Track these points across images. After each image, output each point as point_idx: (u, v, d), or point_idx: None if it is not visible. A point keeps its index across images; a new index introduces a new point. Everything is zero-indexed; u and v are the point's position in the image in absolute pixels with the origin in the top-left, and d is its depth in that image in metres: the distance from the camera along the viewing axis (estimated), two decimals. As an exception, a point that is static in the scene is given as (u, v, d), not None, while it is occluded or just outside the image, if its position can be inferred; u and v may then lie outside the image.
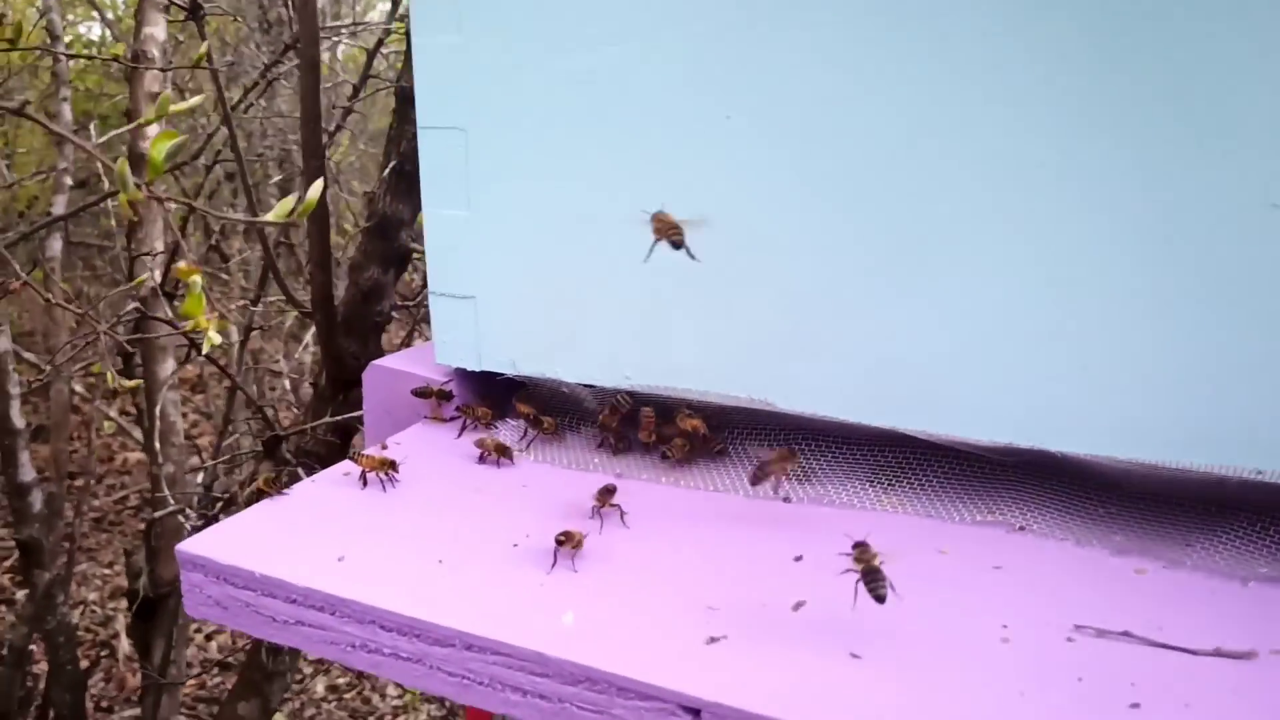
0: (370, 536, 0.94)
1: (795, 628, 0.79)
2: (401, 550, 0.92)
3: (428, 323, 1.77)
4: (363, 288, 2.00)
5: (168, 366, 2.89)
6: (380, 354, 2.08)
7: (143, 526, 5.87)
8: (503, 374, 1.17)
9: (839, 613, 0.79)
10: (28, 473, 2.64)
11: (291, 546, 0.92)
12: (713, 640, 0.77)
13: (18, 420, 2.59)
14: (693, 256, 0.92)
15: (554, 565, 0.88)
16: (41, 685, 3.43)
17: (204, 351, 0.82)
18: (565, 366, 1.12)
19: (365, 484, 1.04)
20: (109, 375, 1.10)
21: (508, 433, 1.17)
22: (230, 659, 4.94)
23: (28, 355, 4.32)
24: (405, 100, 1.88)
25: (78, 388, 4.77)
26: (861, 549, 0.80)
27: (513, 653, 0.78)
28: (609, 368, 1.10)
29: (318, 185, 0.84)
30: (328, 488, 1.04)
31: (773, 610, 0.81)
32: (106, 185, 3.33)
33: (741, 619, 0.80)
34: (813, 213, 0.97)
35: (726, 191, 1.00)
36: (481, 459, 1.09)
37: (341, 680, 4.85)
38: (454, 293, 1.16)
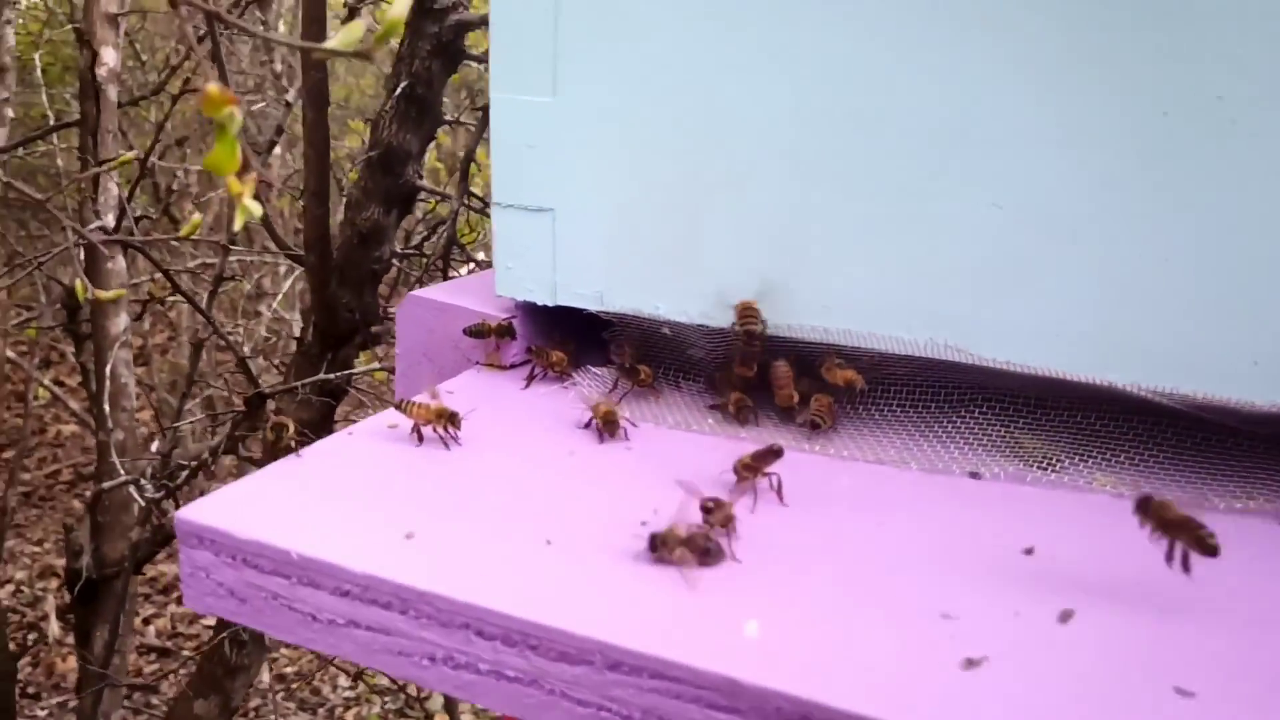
0: (444, 509, 0.69)
1: (1068, 646, 0.56)
2: (491, 528, 0.67)
3: (439, 274, 1.51)
4: (360, 229, 1.73)
5: (120, 322, 2.59)
6: (376, 307, 1.82)
7: (81, 500, 5.51)
8: (584, 310, 0.92)
9: (1121, 627, 0.57)
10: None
11: (338, 518, 0.67)
12: (971, 664, 0.54)
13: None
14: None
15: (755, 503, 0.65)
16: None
17: (236, 227, 0.56)
18: (671, 301, 0.88)
19: (420, 440, 0.79)
20: (79, 287, 0.83)
21: (589, 384, 0.92)
22: (170, 645, 4.63)
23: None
24: (422, 12, 1.62)
25: (10, 354, 4.41)
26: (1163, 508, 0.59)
27: (685, 676, 0.54)
28: (730, 302, 0.86)
29: (404, 2, 0.59)
30: (370, 443, 0.80)
31: (1031, 620, 0.58)
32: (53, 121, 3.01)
33: (999, 633, 0.57)
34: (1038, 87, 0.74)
35: (915, 69, 0.77)
36: (590, 426, 0.83)
37: (290, 670, 4.56)
38: (526, 204, 0.91)
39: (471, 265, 1.80)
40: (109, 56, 2.63)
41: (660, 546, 0.63)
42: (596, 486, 0.73)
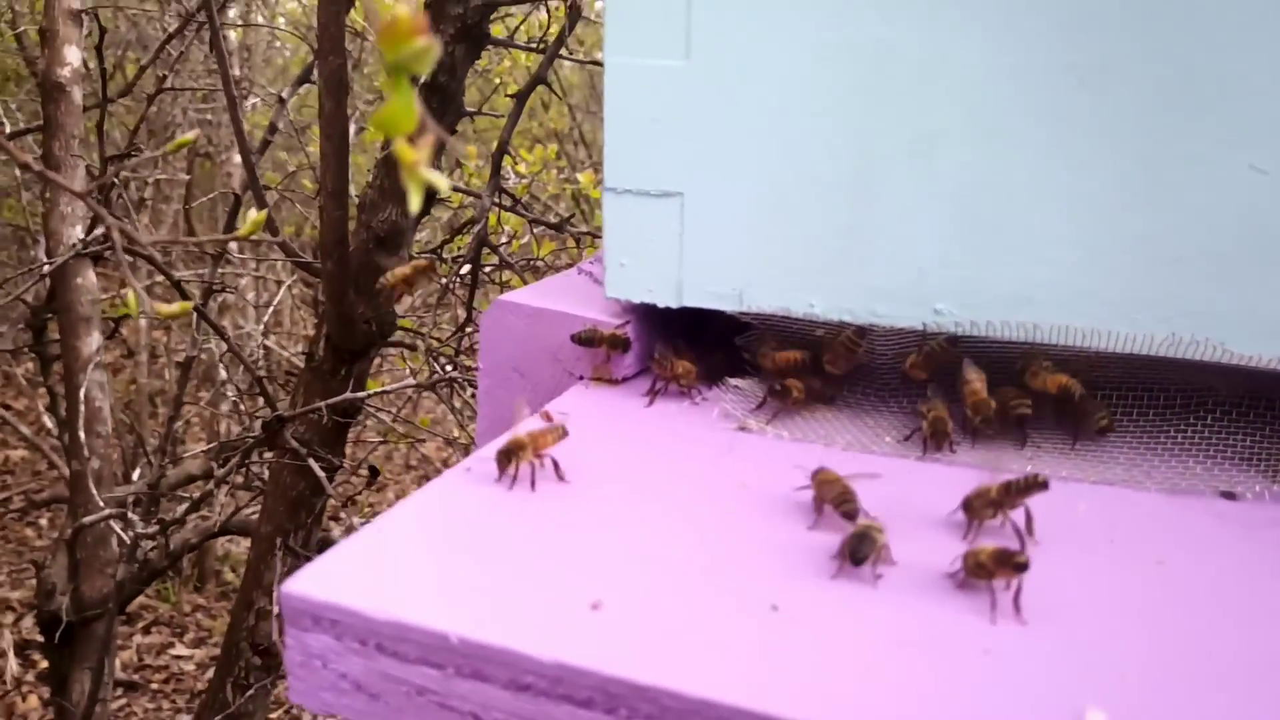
0: (625, 566, 0.55)
1: None
2: (694, 589, 0.52)
3: (463, 281, 1.37)
4: (376, 232, 1.57)
5: (93, 341, 2.40)
6: (394, 319, 1.66)
7: (36, 529, 5.24)
8: (719, 311, 0.78)
9: None
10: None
11: (498, 586, 0.52)
12: None
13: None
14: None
15: (1001, 606, 0.51)
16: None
17: (414, 207, 0.41)
18: (828, 296, 0.74)
19: (513, 483, 0.63)
20: (132, 300, 0.67)
21: (731, 399, 0.78)
22: (138, 678, 4.41)
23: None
24: (442, -9, 1.46)
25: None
26: None
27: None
28: (908, 296, 0.72)
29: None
30: (474, 484, 0.64)
31: None
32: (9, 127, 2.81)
33: None
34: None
35: (1148, 3, 0.63)
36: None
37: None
38: (647, 189, 0.77)
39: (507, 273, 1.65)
40: (72, 55, 2.43)
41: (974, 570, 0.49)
42: (794, 530, 0.59)
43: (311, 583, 0.51)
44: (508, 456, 0.62)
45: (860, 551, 0.53)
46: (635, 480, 0.65)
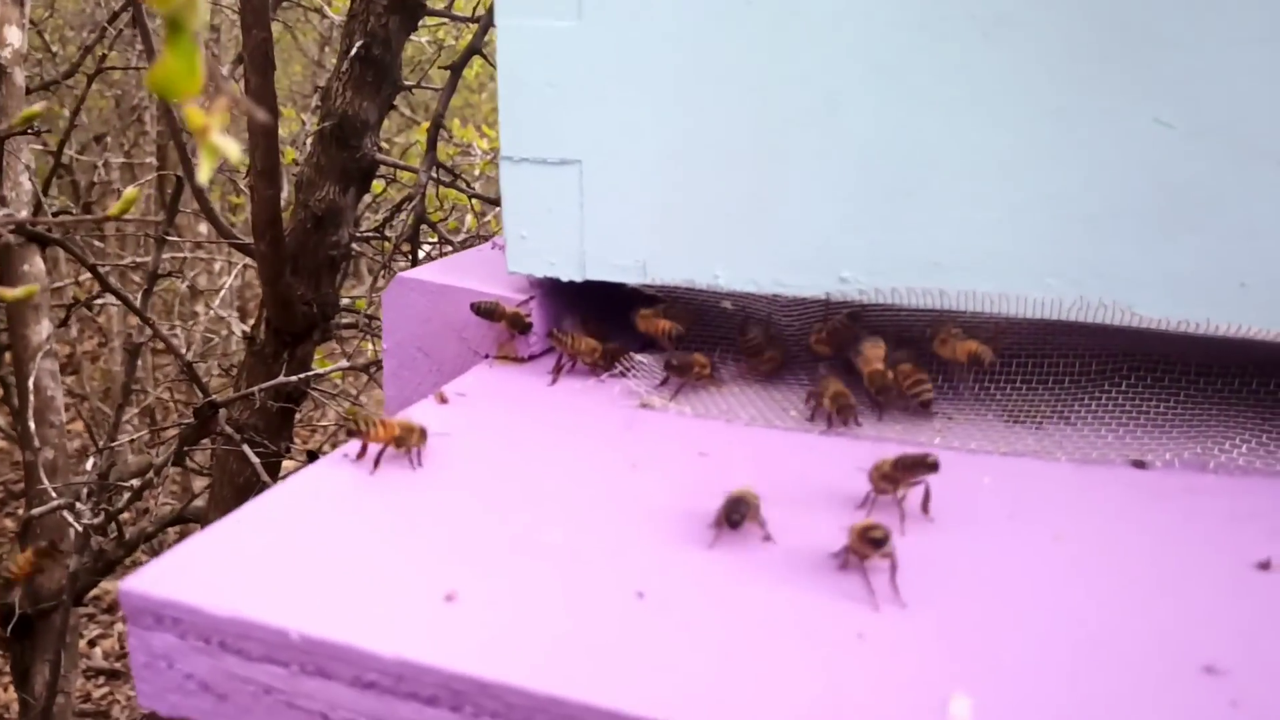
0: (490, 554, 0.52)
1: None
2: (560, 577, 0.50)
3: (405, 259, 1.34)
4: (314, 211, 1.53)
5: (42, 329, 2.35)
6: (336, 300, 1.62)
7: (13, 519, 5.20)
8: (622, 284, 0.75)
9: None
10: None
11: (348, 577, 0.49)
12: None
13: None
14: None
15: (872, 595, 0.48)
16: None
17: (202, 179, 0.37)
18: (733, 266, 0.71)
19: (375, 468, 0.60)
20: None
21: (634, 375, 0.75)
22: (119, 666, 4.38)
23: None
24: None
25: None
26: None
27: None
28: (813, 263, 0.69)
29: None
30: (374, 468, 0.61)
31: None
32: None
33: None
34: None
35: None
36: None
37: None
38: (545, 157, 0.73)
39: (445, 247, 1.61)
40: (13, 36, 2.37)
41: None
42: (681, 513, 0.56)
43: (153, 580, 0.48)
44: (360, 440, 0.59)
45: (735, 513, 0.51)
46: (520, 462, 0.62)
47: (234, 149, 0.39)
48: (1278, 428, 0.63)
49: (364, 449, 0.60)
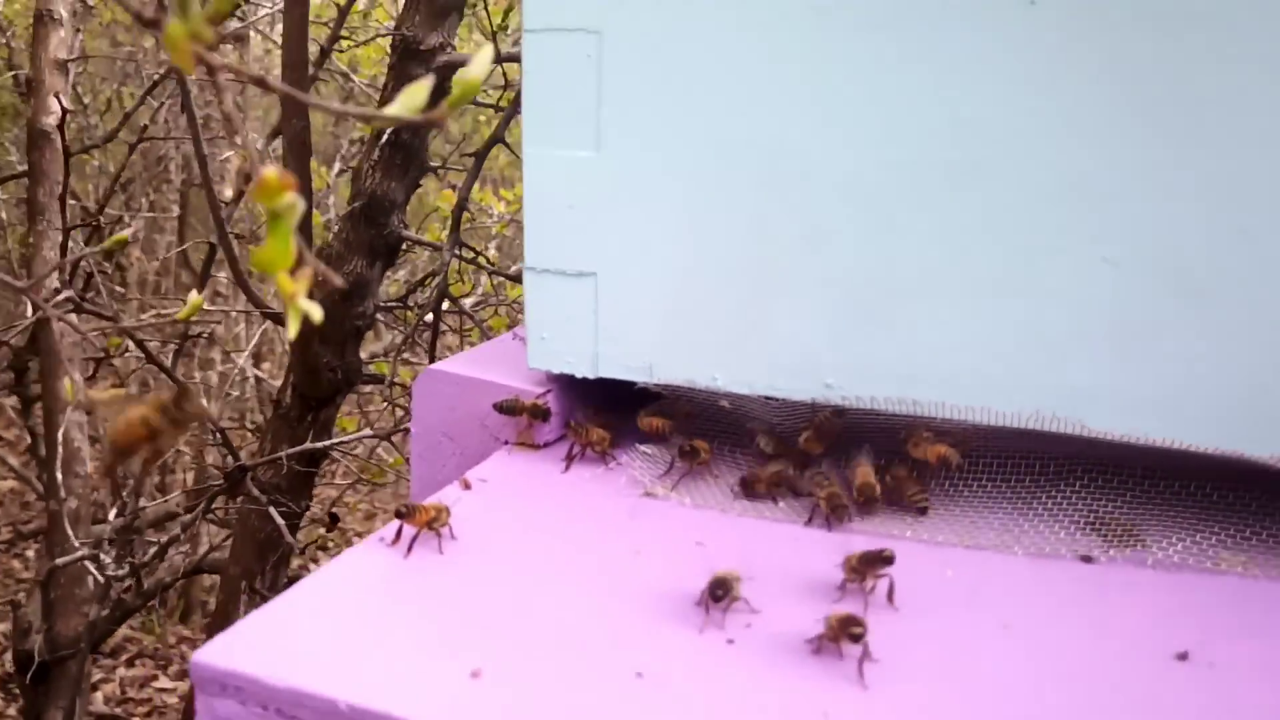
0: (508, 633, 0.59)
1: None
2: (569, 656, 0.57)
3: (427, 331, 1.43)
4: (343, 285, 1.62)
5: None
6: (359, 365, 1.71)
7: (21, 560, 5.25)
8: (631, 383, 0.83)
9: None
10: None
11: (386, 654, 0.57)
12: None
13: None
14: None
15: (850, 673, 0.55)
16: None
17: (291, 334, 0.46)
18: (730, 371, 0.79)
19: (409, 551, 0.68)
20: (69, 388, 0.72)
21: (640, 465, 0.83)
22: (120, 711, 4.41)
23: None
24: (407, 53, 1.52)
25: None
26: None
27: None
28: (801, 371, 0.77)
29: (485, 54, 0.50)
30: (380, 555, 0.69)
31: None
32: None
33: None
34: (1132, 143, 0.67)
35: (1014, 114, 0.69)
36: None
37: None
38: (564, 269, 0.82)
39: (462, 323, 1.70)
40: (56, 105, 2.49)
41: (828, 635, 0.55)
42: (674, 598, 0.64)
43: (219, 652, 0.56)
44: (404, 522, 0.67)
45: (718, 589, 0.59)
46: (534, 547, 0.70)
47: (317, 312, 0.48)
48: (1209, 528, 0.71)
49: (400, 532, 0.68)
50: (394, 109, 0.50)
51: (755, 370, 0.78)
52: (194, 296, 0.80)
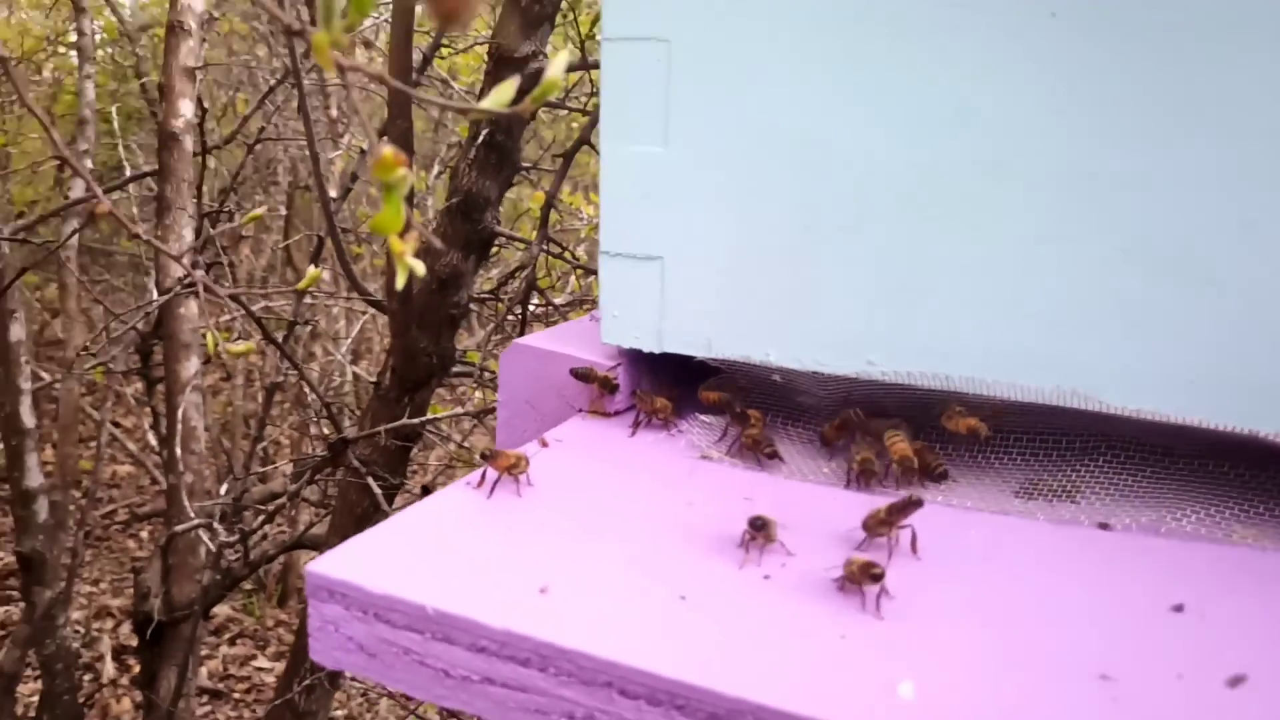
0: (574, 561, 0.69)
1: (1242, 715, 0.54)
2: (623, 581, 0.66)
3: (515, 319, 1.52)
4: (439, 275, 1.74)
5: (191, 365, 2.63)
6: (453, 352, 1.83)
7: (137, 540, 5.57)
8: (690, 357, 0.91)
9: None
10: (35, 477, 2.37)
11: (469, 572, 0.67)
12: (1143, 730, 0.52)
13: (28, 418, 2.33)
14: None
15: (874, 605, 0.63)
16: (32, 713, 3.14)
17: (399, 285, 0.57)
18: (781, 347, 0.87)
19: (490, 491, 0.78)
20: (210, 341, 0.84)
21: (699, 432, 0.91)
22: (222, 686, 4.64)
23: (40, 370, 4.06)
24: (501, 61, 1.64)
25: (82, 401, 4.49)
26: None
27: (845, 741, 0.52)
28: (846, 348, 0.85)
29: (562, 58, 0.59)
30: (467, 495, 0.79)
31: (1197, 684, 0.56)
32: (129, 170, 3.09)
33: (1166, 698, 0.55)
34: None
35: (1040, 112, 0.76)
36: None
37: (339, 713, 4.55)
38: (634, 253, 0.91)
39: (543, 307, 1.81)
40: (185, 108, 2.69)
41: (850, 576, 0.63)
42: (721, 540, 0.72)
43: (329, 564, 0.67)
44: (488, 465, 0.77)
45: (755, 523, 0.67)
46: (599, 496, 0.79)
47: (420, 268, 0.58)
48: (1224, 503, 0.76)
49: (484, 475, 0.78)
50: (486, 103, 0.60)
51: (803, 346, 0.86)
52: (312, 269, 0.91)
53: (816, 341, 0.86)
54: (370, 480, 1.53)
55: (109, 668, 4.60)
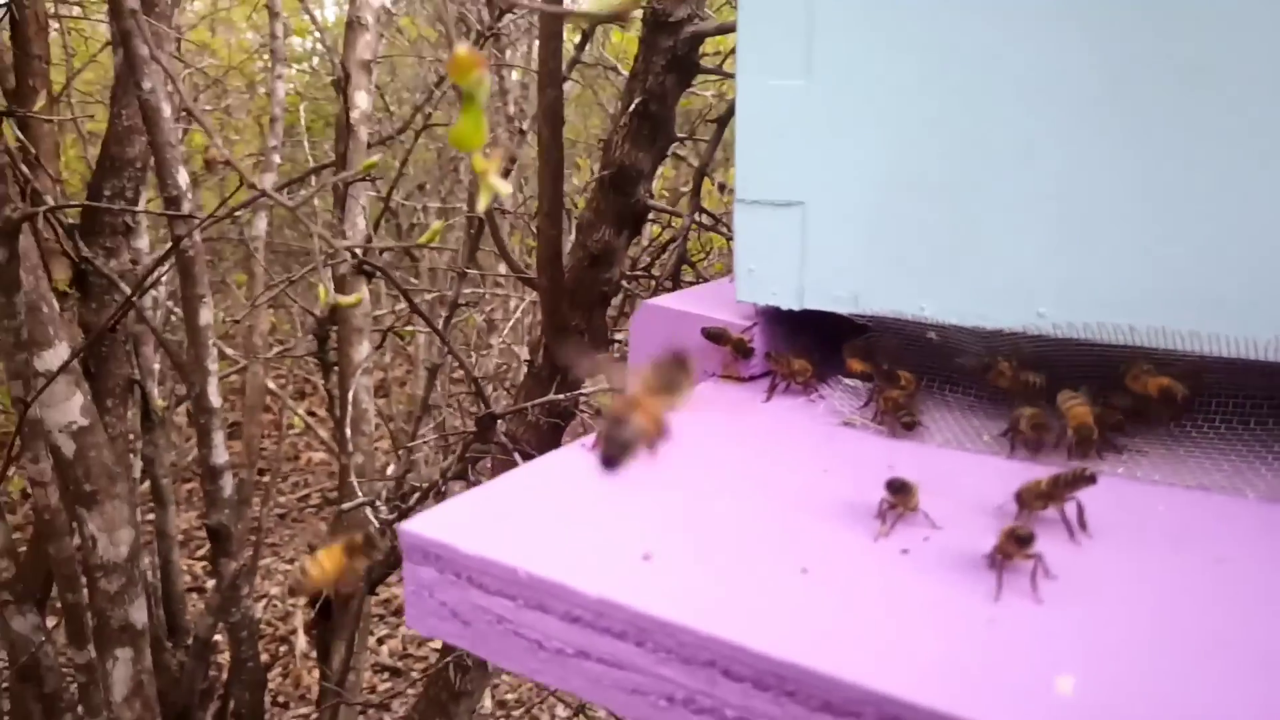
0: (685, 529, 0.61)
1: None
2: (738, 552, 0.58)
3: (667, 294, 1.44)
4: (591, 250, 1.70)
5: (363, 350, 2.70)
6: (605, 330, 1.78)
7: (326, 522, 5.85)
8: (837, 314, 0.82)
9: None
10: (221, 454, 2.47)
11: (569, 535, 0.60)
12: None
13: (215, 398, 2.43)
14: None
15: (998, 590, 0.53)
16: (223, 678, 3.31)
17: (481, 208, 0.51)
18: (937, 300, 0.77)
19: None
20: (322, 292, 0.82)
21: (840, 396, 0.82)
22: (401, 665, 4.80)
23: (229, 351, 4.30)
24: (656, 26, 1.58)
25: (270, 384, 4.74)
26: None
27: (988, 744, 0.43)
28: (1012, 298, 0.74)
29: None
30: (582, 457, 0.72)
31: None
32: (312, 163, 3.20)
33: None
34: None
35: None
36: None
37: (511, 696, 4.62)
38: (773, 199, 0.83)
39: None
40: (361, 100, 2.76)
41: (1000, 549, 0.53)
42: (855, 510, 0.63)
43: (423, 524, 0.62)
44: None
45: (894, 484, 0.58)
46: (729, 461, 0.71)
47: (505, 187, 0.52)
48: None
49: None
50: (587, 4, 0.54)
51: (963, 299, 0.76)
52: (434, 225, 0.88)
53: (978, 292, 0.75)
54: (517, 455, 1.50)
55: (301, 641, 4.82)
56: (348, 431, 2.53)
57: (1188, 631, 0.49)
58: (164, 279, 3.10)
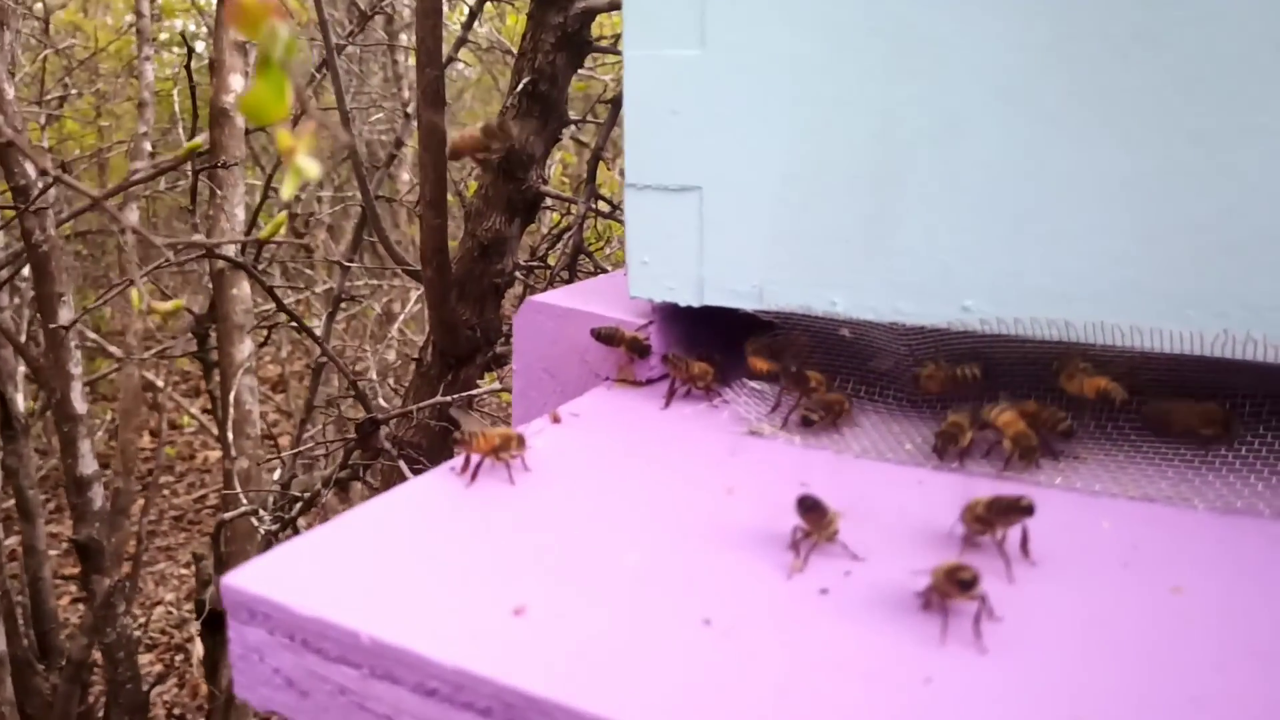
0: (567, 572, 0.52)
1: None
2: (630, 600, 0.49)
3: (564, 285, 1.36)
4: (481, 241, 1.59)
5: (244, 348, 2.53)
6: (499, 324, 1.67)
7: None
8: (739, 310, 0.74)
9: None
10: (89, 464, 2.30)
11: (426, 586, 0.50)
12: None
13: (79, 404, 2.25)
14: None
15: (944, 635, 0.45)
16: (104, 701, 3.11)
17: (286, 195, 0.40)
18: (851, 293, 0.69)
19: (473, 478, 0.61)
20: (135, 296, 0.70)
21: (745, 401, 0.74)
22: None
23: (111, 348, 4.06)
24: (545, 2, 1.47)
25: (159, 382, 4.50)
26: None
27: None
28: (934, 291, 0.66)
29: None
30: (473, 484, 0.62)
31: None
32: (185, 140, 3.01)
33: None
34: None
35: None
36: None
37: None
38: (666, 184, 0.74)
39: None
40: (236, 83, 2.59)
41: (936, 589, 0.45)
42: (765, 540, 0.54)
43: (248, 577, 0.51)
44: (464, 450, 0.61)
45: (806, 502, 0.51)
46: (617, 483, 0.62)
47: (314, 169, 0.41)
48: None
49: (467, 460, 0.62)
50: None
51: (880, 292, 0.68)
52: (279, 216, 0.76)
53: (896, 284, 0.67)
54: (402, 463, 1.39)
55: (199, 649, 4.60)
56: (230, 435, 2.38)
57: (1151, 686, 0.41)
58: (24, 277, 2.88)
